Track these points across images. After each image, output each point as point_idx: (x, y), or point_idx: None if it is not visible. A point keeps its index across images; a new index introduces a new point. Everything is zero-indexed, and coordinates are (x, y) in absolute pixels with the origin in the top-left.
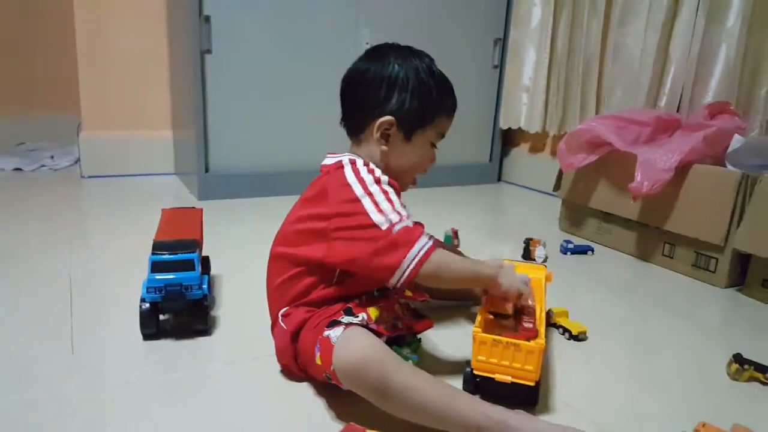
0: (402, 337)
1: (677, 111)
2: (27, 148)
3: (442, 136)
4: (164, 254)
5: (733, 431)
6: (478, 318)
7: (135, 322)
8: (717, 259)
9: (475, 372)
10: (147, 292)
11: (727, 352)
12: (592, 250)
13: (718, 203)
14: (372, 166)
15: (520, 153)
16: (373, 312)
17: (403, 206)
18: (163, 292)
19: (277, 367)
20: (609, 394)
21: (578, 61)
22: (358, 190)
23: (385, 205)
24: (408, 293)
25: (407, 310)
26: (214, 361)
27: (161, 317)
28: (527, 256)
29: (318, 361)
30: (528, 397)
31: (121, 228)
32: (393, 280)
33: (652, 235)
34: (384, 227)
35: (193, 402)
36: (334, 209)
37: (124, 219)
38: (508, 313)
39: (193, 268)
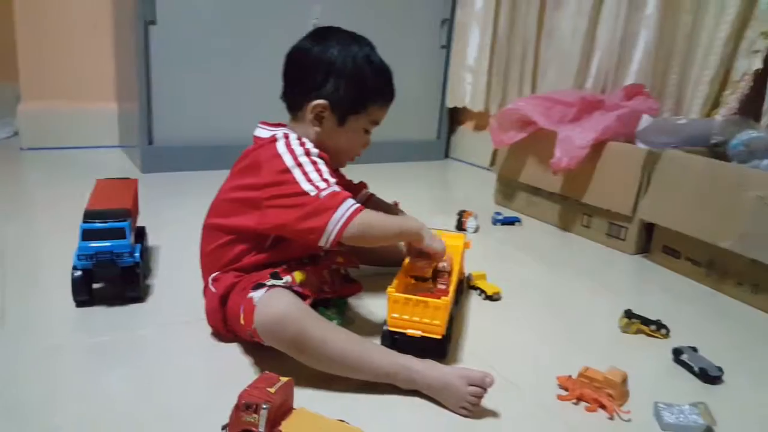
0: (328, 299)
1: (602, 92)
2: None
3: (376, 123)
4: (95, 222)
5: (608, 373)
6: (395, 280)
7: (69, 290)
8: (626, 228)
9: (390, 328)
10: (78, 259)
11: (624, 309)
12: (520, 221)
13: (627, 177)
14: (305, 140)
15: (465, 131)
16: (298, 275)
17: (331, 176)
18: (94, 259)
19: (208, 330)
20: (511, 345)
21: (517, 43)
22: (288, 161)
23: (314, 174)
24: (340, 259)
25: (337, 276)
26: (145, 325)
27: (95, 285)
28: (460, 227)
29: (242, 321)
30: (437, 350)
31: (58, 199)
32: (321, 242)
33: (572, 207)
34: (312, 194)
35: (123, 363)
36: (267, 179)
37: (62, 190)
38: (427, 277)
39: (124, 236)
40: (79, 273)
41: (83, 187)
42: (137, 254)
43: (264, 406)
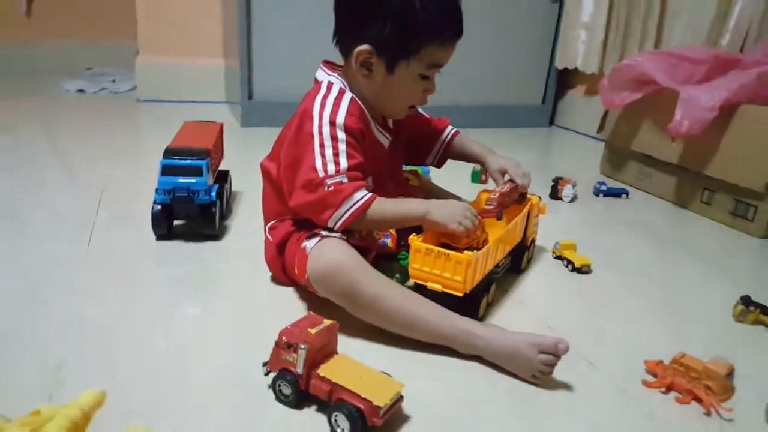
0: (394, 253)
1: (741, 51)
2: (94, 72)
3: (438, 66)
4: (174, 159)
5: (710, 363)
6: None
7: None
8: (756, 207)
9: (412, 279)
10: (157, 194)
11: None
12: (627, 194)
13: (762, 147)
14: (345, 98)
15: (574, 96)
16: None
17: (351, 156)
18: (172, 194)
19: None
20: (595, 322)
21: None
22: (314, 125)
23: (328, 151)
24: None
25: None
26: (215, 262)
27: (176, 222)
28: (554, 195)
29: (296, 271)
30: (464, 309)
31: (160, 145)
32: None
33: (691, 180)
34: (320, 175)
35: (188, 295)
36: (293, 135)
37: (165, 138)
38: (459, 246)
39: (201, 174)
40: (158, 207)
41: None
42: (213, 193)
43: (302, 346)
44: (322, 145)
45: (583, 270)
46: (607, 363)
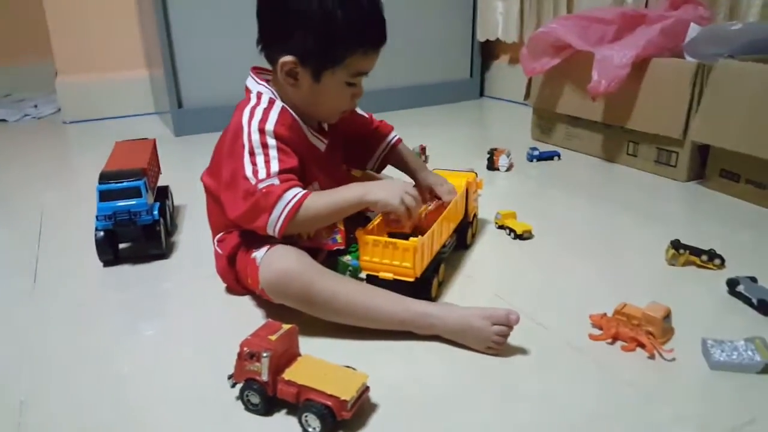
0: (344, 248)
1: (645, 6)
2: (12, 99)
3: (363, 74)
4: (111, 183)
5: (647, 309)
6: (376, 220)
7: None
8: (677, 153)
9: (364, 271)
10: (98, 220)
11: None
12: (559, 156)
13: (675, 96)
14: (275, 109)
15: (500, 66)
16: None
17: (282, 161)
18: (113, 219)
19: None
20: (540, 285)
21: None
22: (244, 136)
23: (259, 158)
24: None
25: (354, 220)
26: (166, 280)
27: (121, 245)
28: (491, 166)
29: (249, 282)
30: (417, 292)
31: (96, 167)
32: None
33: (616, 135)
34: (252, 182)
35: (142, 317)
36: (227, 146)
37: (100, 159)
38: (407, 233)
39: (140, 195)
40: (101, 233)
41: None
42: (156, 212)
43: (265, 355)
44: (252, 154)
45: (524, 236)
46: (556, 323)
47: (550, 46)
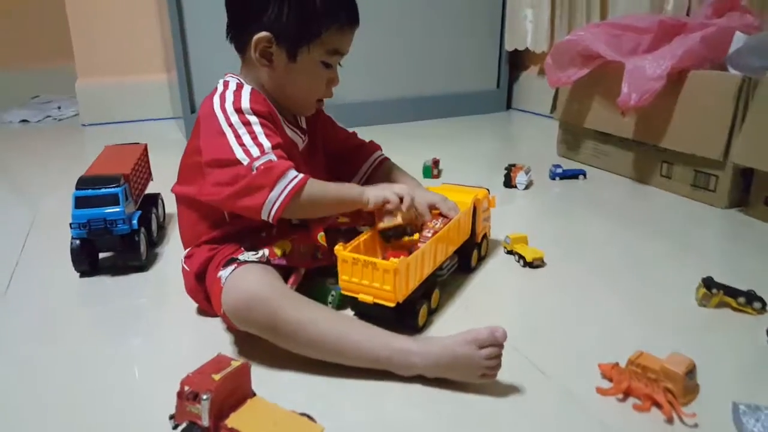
0: (327, 267)
1: (687, 14)
2: (40, 101)
3: (339, 54)
4: (87, 189)
5: (668, 361)
6: (363, 235)
7: None
8: (717, 176)
9: (343, 292)
10: (72, 228)
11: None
12: (584, 175)
13: (716, 113)
14: (245, 89)
15: (528, 77)
16: (281, 246)
17: (270, 137)
18: (87, 227)
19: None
20: (545, 322)
21: None
22: (221, 121)
23: (246, 138)
24: (343, 219)
25: (337, 238)
26: (141, 296)
27: (102, 255)
28: (508, 183)
29: (212, 304)
30: (400, 320)
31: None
32: (263, 218)
33: (649, 155)
34: (245, 163)
35: (105, 332)
36: (204, 141)
37: None
38: (394, 225)
39: (117, 203)
40: (77, 242)
41: None
42: (135, 221)
43: (205, 397)
44: (237, 135)
45: (535, 264)
46: (558, 369)
47: (577, 56)
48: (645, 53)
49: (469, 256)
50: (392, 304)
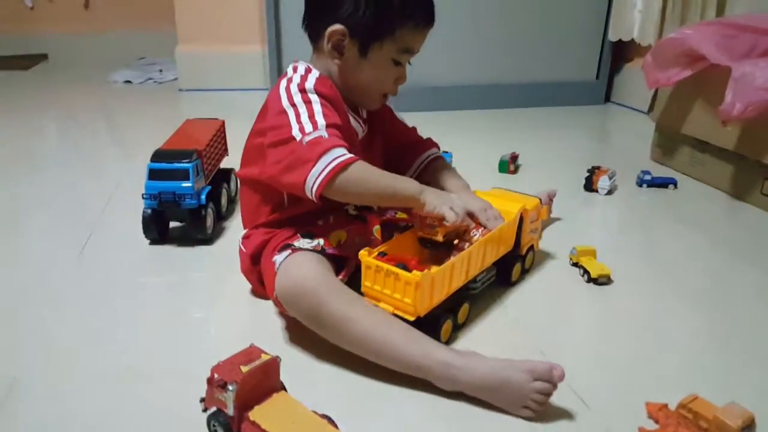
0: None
1: None
2: (145, 62)
3: (410, 53)
4: (161, 162)
5: (723, 410)
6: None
7: None
8: None
9: (366, 299)
10: (144, 198)
11: None
12: (675, 184)
13: None
14: (313, 73)
15: (631, 70)
16: (336, 236)
17: (328, 116)
18: (158, 199)
19: None
20: (598, 348)
21: None
22: (284, 100)
23: (304, 116)
24: (401, 214)
25: (393, 233)
26: (200, 270)
27: (172, 224)
28: (589, 187)
29: (266, 287)
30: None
31: None
32: (308, 195)
33: (749, 170)
34: (298, 138)
35: (155, 304)
36: (269, 122)
37: None
38: (437, 239)
39: (187, 178)
40: (148, 212)
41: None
42: (203, 197)
43: (230, 387)
44: (297, 114)
45: (600, 281)
46: (602, 402)
47: (681, 55)
48: (760, 57)
49: (509, 269)
50: (411, 318)
